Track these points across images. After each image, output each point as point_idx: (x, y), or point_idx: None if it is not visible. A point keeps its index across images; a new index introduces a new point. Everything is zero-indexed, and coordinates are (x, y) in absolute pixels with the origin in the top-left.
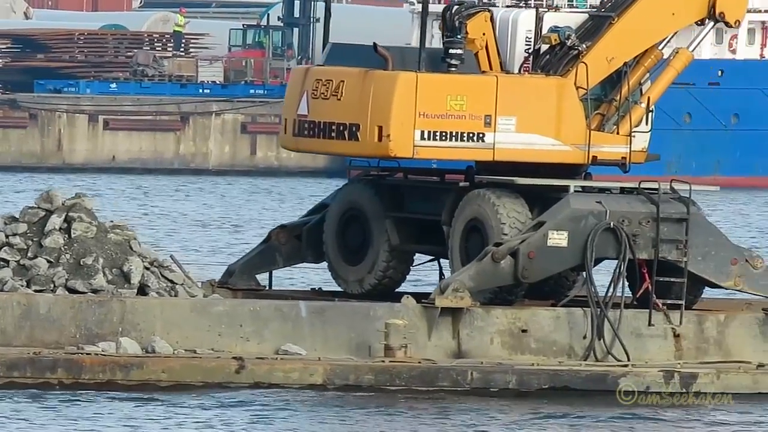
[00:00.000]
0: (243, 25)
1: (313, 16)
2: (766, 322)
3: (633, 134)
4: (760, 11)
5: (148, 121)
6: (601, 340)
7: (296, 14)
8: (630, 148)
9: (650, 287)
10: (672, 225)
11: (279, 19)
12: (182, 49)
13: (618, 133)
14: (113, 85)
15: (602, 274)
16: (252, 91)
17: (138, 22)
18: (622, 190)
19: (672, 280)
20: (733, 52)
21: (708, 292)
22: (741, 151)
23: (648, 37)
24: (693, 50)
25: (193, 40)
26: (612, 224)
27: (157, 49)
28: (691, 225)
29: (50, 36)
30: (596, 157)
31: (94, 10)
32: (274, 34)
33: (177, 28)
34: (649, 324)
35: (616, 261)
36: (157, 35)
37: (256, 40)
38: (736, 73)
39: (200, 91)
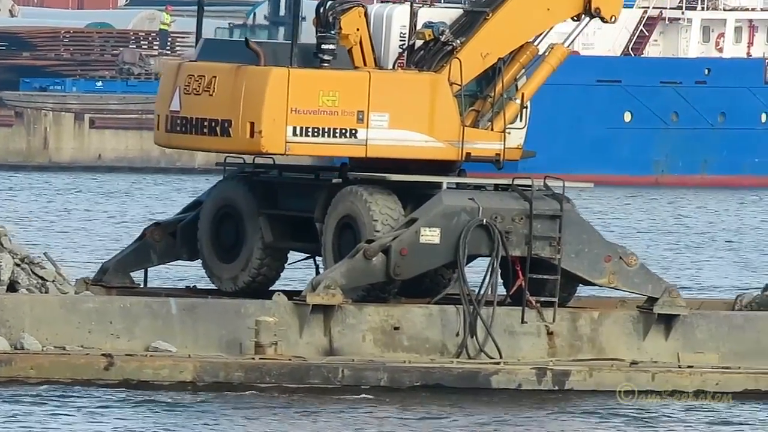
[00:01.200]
0: (229, 23)
1: (298, 14)
2: (641, 320)
3: (508, 131)
4: (746, 9)
5: (135, 119)
6: (474, 338)
7: (282, 13)
8: (504, 144)
9: (523, 284)
10: (545, 222)
11: (265, 17)
12: (168, 48)
13: (492, 130)
14: (99, 84)
15: (479, 272)
16: None
17: (124, 20)
18: (497, 187)
19: (545, 277)
20: (720, 50)
21: (588, 290)
22: (728, 150)
23: (523, 33)
24: (569, 46)
25: (179, 39)
26: (484, 221)
27: (143, 47)
28: (565, 222)
29: (36, 34)
30: (470, 153)
31: (79, 8)
32: (260, 32)
33: (163, 27)
34: (522, 321)
35: (490, 258)
36: (143, 33)
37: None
38: (722, 71)
39: None
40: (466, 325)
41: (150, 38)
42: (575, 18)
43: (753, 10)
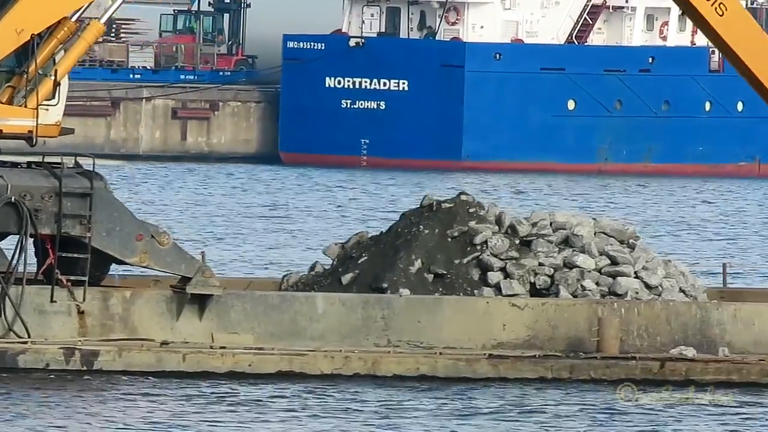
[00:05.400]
0: (174, 10)
1: (243, 1)
2: (174, 300)
3: (46, 108)
4: None
5: (79, 106)
6: (2, 317)
7: (226, 0)
8: (37, 121)
9: (53, 263)
10: (75, 200)
11: (209, 4)
12: (113, 35)
13: (26, 107)
14: None
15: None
16: (182, 76)
17: None
18: (30, 165)
19: (76, 256)
20: (664, 38)
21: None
22: (672, 138)
23: (58, 9)
24: (104, 22)
25: (124, 26)
26: (13, 198)
27: None
28: (95, 200)
29: None
30: (2, 130)
31: None
32: (205, 19)
33: None
34: (52, 300)
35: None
36: (88, 20)
37: (187, 25)
38: (666, 60)
39: (131, 76)
40: None
41: None
42: None
43: None
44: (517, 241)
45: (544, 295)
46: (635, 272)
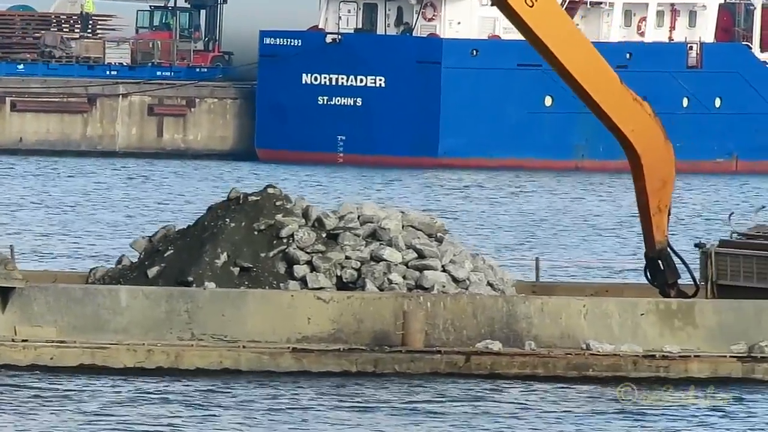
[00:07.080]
0: (150, 6)
1: None
2: None
3: None
4: None
5: (56, 102)
6: None
7: None
8: None
9: None
10: None
11: (186, 0)
12: (90, 31)
13: None
14: (21, 66)
15: None
16: (159, 73)
17: (45, 3)
18: None
19: None
20: (642, 34)
21: None
22: None
23: None
24: None
25: (100, 22)
26: None
27: (65, 30)
28: None
29: None
30: None
31: None
32: (181, 15)
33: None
34: None
35: None
36: (65, 16)
37: (163, 21)
38: (644, 55)
39: (108, 72)
40: None
41: (71, 21)
42: None
43: None
44: (324, 235)
45: (351, 288)
46: (442, 266)
